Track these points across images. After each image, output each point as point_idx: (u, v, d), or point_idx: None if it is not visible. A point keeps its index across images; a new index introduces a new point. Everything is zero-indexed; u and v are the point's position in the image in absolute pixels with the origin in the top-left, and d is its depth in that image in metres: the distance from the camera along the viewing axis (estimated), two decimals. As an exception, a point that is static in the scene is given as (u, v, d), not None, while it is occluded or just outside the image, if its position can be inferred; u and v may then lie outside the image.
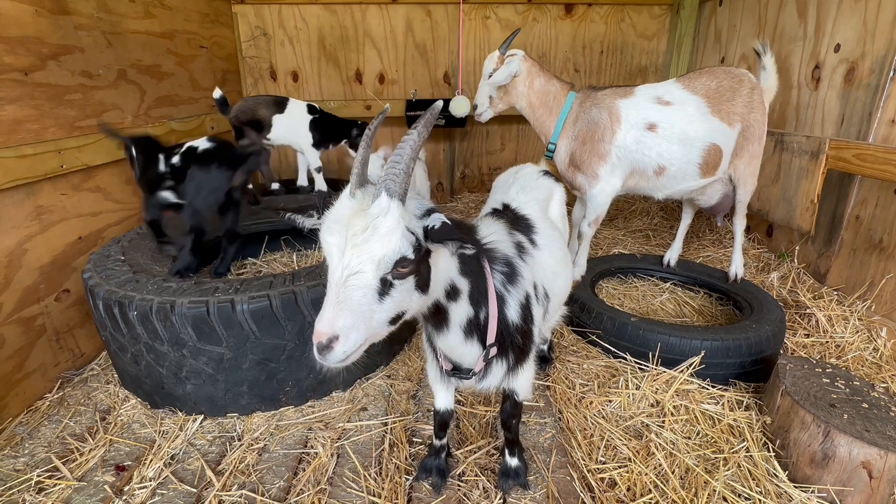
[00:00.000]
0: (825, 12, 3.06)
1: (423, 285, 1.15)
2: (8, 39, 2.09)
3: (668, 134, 2.60)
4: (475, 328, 1.35)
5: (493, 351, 1.40)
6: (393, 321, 1.13)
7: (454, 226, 1.11)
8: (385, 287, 1.07)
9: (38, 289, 2.24)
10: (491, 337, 1.37)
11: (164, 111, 3.23)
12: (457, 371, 1.49)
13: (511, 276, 1.42)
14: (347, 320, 1.03)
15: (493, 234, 1.48)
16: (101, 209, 2.62)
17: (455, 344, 1.37)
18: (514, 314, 1.42)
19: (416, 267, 1.10)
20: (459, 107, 4.32)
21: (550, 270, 1.64)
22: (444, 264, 1.24)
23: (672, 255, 3.19)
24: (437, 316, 1.31)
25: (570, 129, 2.80)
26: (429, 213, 1.13)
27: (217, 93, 3.30)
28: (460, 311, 1.31)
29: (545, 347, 2.40)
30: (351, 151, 3.84)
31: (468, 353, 1.40)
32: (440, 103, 1.16)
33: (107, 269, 2.17)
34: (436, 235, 1.10)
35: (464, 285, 1.29)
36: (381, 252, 1.03)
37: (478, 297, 1.33)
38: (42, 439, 1.98)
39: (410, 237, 1.07)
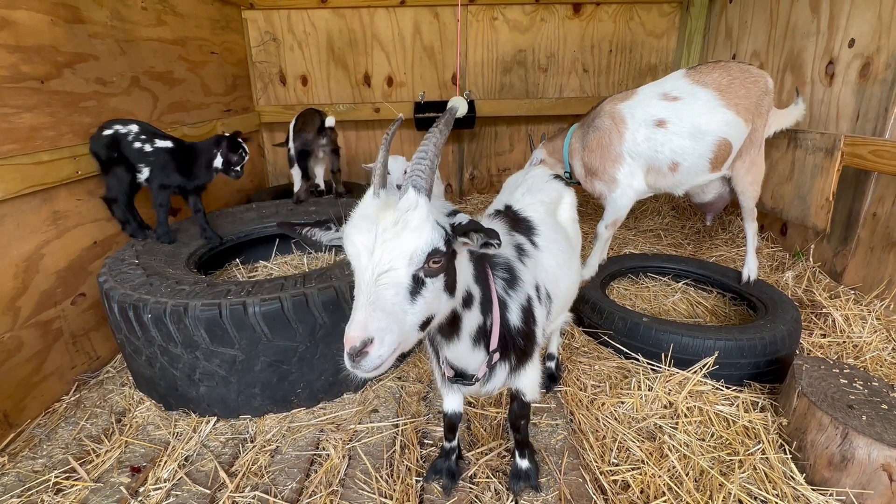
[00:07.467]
0: (839, 6, 3.01)
1: (450, 286, 1.14)
2: (25, 48, 2.14)
3: (678, 129, 2.59)
4: (482, 335, 1.35)
5: (496, 356, 1.40)
6: (423, 326, 1.09)
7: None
8: (417, 285, 1.04)
9: (55, 293, 2.28)
10: (494, 342, 1.37)
11: (176, 116, 3.27)
12: (459, 378, 1.47)
13: (511, 280, 1.42)
14: (382, 322, 0.97)
15: None
16: (115, 214, 2.66)
17: (463, 352, 1.37)
18: (515, 318, 1.41)
19: (447, 263, 1.09)
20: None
21: (551, 272, 1.62)
22: (464, 269, 1.24)
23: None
24: (452, 325, 1.30)
25: (579, 145, 2.96)
26: (453, 213, 1.15)
27: (330, 120, 3.49)
28: (472, 320, 1.31)
29: (552, 365, 2.30)
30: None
31: (474, 360, 1.40)
32: (457, 102, 1.17)
33: (121, 273, 2.20)
34: (465, 227, 1.08)
35: (476, 292, 1.30)
36: (414, 245, 1.00)
37: (486, 305, 1.33)
38: (59, 441, 2.02)
39: (440, 230, 1.06)
